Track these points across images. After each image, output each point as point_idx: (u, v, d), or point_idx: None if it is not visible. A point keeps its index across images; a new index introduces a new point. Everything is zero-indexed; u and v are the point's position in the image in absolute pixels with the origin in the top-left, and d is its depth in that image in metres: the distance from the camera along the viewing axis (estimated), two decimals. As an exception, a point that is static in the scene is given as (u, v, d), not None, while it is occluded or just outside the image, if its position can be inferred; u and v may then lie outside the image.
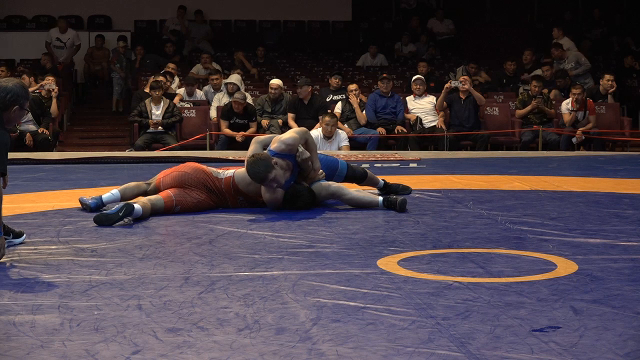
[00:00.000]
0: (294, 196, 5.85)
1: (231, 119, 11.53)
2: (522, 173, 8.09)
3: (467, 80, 11.80)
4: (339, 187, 6.01)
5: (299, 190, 5.87)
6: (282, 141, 5.84)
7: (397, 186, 6.43)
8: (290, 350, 2.91)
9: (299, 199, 5.86)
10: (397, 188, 6.41)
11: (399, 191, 6.35)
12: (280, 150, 5.81)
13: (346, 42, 17.85)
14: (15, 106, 4.35)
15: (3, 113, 4.33)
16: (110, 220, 5.37)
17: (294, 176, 5.93)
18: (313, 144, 6.06)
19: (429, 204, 6.10)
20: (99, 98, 15.74)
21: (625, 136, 12.23)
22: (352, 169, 6.35)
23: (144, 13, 17.70)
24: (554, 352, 2.87)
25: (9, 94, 4.32)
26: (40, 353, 2.90)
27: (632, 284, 3.80)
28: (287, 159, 5.84)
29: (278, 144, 5.84)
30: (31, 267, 4.18)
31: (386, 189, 6.39)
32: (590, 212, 5.80)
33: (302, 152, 5.86)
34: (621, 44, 16.94)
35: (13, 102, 4.33)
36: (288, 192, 5.85)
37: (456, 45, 17.43)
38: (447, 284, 3.82)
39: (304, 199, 5.87)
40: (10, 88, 4.34)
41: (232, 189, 5.90)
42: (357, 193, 6.03)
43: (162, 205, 5.75)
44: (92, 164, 9.12)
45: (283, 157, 5.81)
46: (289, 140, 5.84)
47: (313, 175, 6.00)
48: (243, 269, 4.12)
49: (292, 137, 5.88)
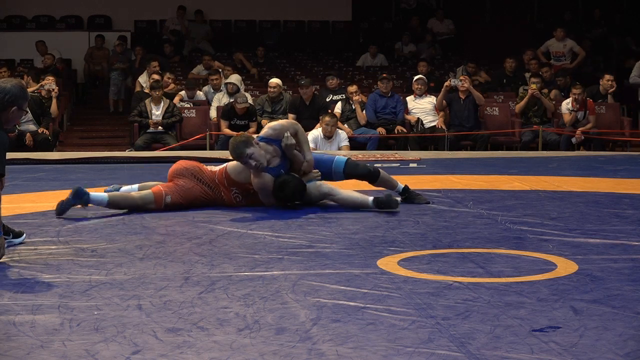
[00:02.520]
0: (282, 184, 5.83)
1: (231, 119, 11.54)
2: (522, 173, 8.09)
3: (467, 80, 11.80)
4: (331, 187, 5.98)
5: (288, 179, 5.86)
6: (270, 126, 6.02)
7: (416, 194, 6.15)
8: (290, 350, 2.91)
9: (287, 186, 5.82)
10: (415, 196, 6.13)
11: (415, 199, 6.09)
12: (268, 135, 5.94)
13: (346, 42, 17.85)
14: (14, 107, 4.33)
15: (1, 113, 4.32)
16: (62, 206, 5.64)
17: (284, 165, 5.93)
18: (303, 136, 6.06)
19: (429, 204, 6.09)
20: (99, 98, 15.74)
21: (625, 136, 12.24)
22: (352, 166, 6.19)
23: (144, 13, 17.71)
24: (554, 352, 2.87)
25: (7, 95, 4.30)
26: (40, 353, 2.90)
27: (632, 284, 3.80)
28: (275, 144, 5.91)
29: (265, 129, 6.03)
30: (31, 267, 4.18)
31: (405, 194, 6.15)
32: (590, 212, 5.80)
33: (287, 138, 5.91)
34: (621, 44, 16.94)
35: (11, 103, 4.32)
36: (277, 180, 5.85)
37: (456, 45, 17.43)
38: (447, 284, 3.81)
39: (292, 187, 5.83)
40: (9, 89, 4.32)
41: (224, 179, 5.98)
42: (348, 193, 5.96)
43: (152, 199, 5.87)
44: (92, 164, 9.12)
45: (270, 142, 5.91)
46: (276, 125, 6.03)
47: (306, 168, 5.97)
48: (243, 269, 4.12)
49: (279, 123, 6.11)
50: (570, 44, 14.49)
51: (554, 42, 14.53)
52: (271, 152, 5.88)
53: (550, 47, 14.52)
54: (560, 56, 14.46)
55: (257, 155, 5.72)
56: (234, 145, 5.75)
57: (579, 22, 17.70)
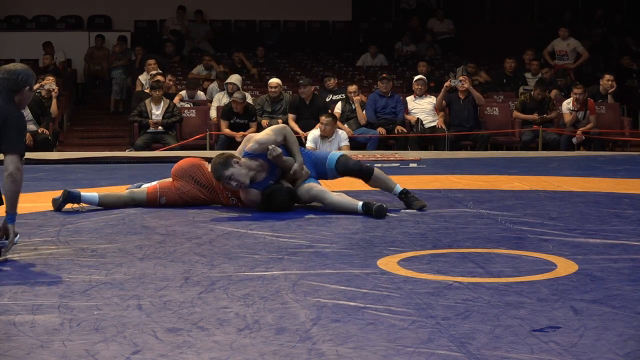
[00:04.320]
0: (269, 195, 5.80)
1: (231, 119, 11.54)
2: (522, 173, 8.09)
3: (466, 80, 11.80)
4: (320, 190, 5.89)
5: (275, 190, 5.82)
6: (256, 141, 5.84)
7: (414, 198, 5.93)
8: (290, 350, 2.91)
9: (275, 198, 5.80)
10: (413, 201, 5.90)
11: (412, 204, 5.89)
12: (254, 150, 5.81)
13: (346, 42, 17.85)
14: (27, 86, 4.46)
15: (15, 95, 4.43)
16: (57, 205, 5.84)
17: (272, 176, 5.89)
18: (292, 139, 5.96)
19: (429, 204, 6.09)
20: (99, 98, 15.74)
21: (625, 136, 12.24)
22: (343, 162, 6.03)
23: (144, 13, 17.71)
24: (554, 352, 2.87)
25: (20, 75, 4.44)
26: (40, 353, 2.90)
27: (632, 284, 3.80)
28: (262, 158, 5.81)
29: (251, 143, 5.85)
30: (31, 267, 4.18)
31: (403, 197, 5.96)
32: (590, 212, 5.80)
33: (272, 149, 5.78)
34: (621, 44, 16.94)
35: (24, 83, 4.45)
36: (264, 192, 5.82)
37: (456, 45, 17.42)
38: (447, 284, 3.81)
39: (279, 199, 5.80)
40: (20, 70, 4.47)
41: (220, 184, 5.96)
42: (337, 197, 5.84)
43: (144, 198, 6.00)
44: (92, 164, 9.12)
45: (256, 157, 5.79)
46: (262, 139, 5.84)
47: (297, 170, 5.89)
48: (243, 269, 4.12)
49: (265, 136, 5.89)
50: (574, 44, 14.52)
51: (559, 41, 14.55)
52: (255, 167, 5.78)
53: (555, 46, 14.55)
54: (563, 55, 14.48)
55: (236, 175, 5.65)
56: (213, 168, 5.71)
57: (579, 22, 17.70)
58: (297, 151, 5.94)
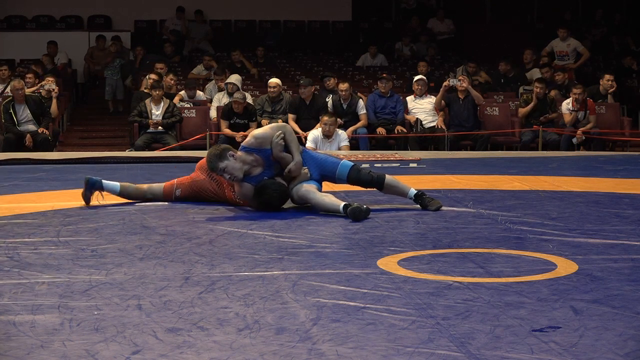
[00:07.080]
0: (260, 189, 5.79)
1: (231, 119, 11.54)
2: (522, 173, 8.09)
3: (465, 79, 11.80)
4: (307, 190, 5.84)
5: (267, 184, 5.81)
6: (253, 135, 5.87)
7: (429, 200, 5.87)
8: (290, 350, 2.91)
9: (265, 191, 5.78)
10: (428, 202, 5.84)
11: (428, 205, 5.82)
12: (250, 144, 5.83)
13: (346, 42, 17.86)
14: None
15: None
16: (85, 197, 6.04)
17: (267, 173, 5.88)
18: (292, 137, 5.94)
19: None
20: (99, 98, 15.74)
21: (625, 136, 12.24)
22: (355, 172, 5.96)
23: (144, 13, 17.72)
24: (554, 352, 2.87)
25: None
26: (40, 353, 2.90)
27: (632, 284, 3.79)
28: (259, 154, 5.82)
29: (248, 138, 5.90)
30: (31, 267, 4.17)
31: (419, 200, 5.88)
32: (590, 212, 5.80)
33: (277, 136, 5.82)
34: (621, 44, 16.95)
35: None
36: (257, 186, 5.83)
37: (456, 45, 17.43)
38: (447, 284, 3.81)
39: (270, 192, 5.78)
40: None
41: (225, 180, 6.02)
42: (321, 198, 5.78)
43: (161, 191, 6.20)
44: (92, 164, 9.11)
45: (252, 151, 5.80)
46: (259, 134, 5.87)
47: (294, 169, 5.86)
48: (243, 269, 4.12)
49: (263, 131, 5.92)
50: (574, 44, 14.53)
51: (558, 42, 14.56)
52: (251, 161, 5.78)
53: (555, 47, 14.55)
54: (563, 55, 14.49)
55: (230, 168, 5.67)
56: (207, 159, 5.78)
57: (579, 22, 17.71)
58: (295, 150, 5.93)
